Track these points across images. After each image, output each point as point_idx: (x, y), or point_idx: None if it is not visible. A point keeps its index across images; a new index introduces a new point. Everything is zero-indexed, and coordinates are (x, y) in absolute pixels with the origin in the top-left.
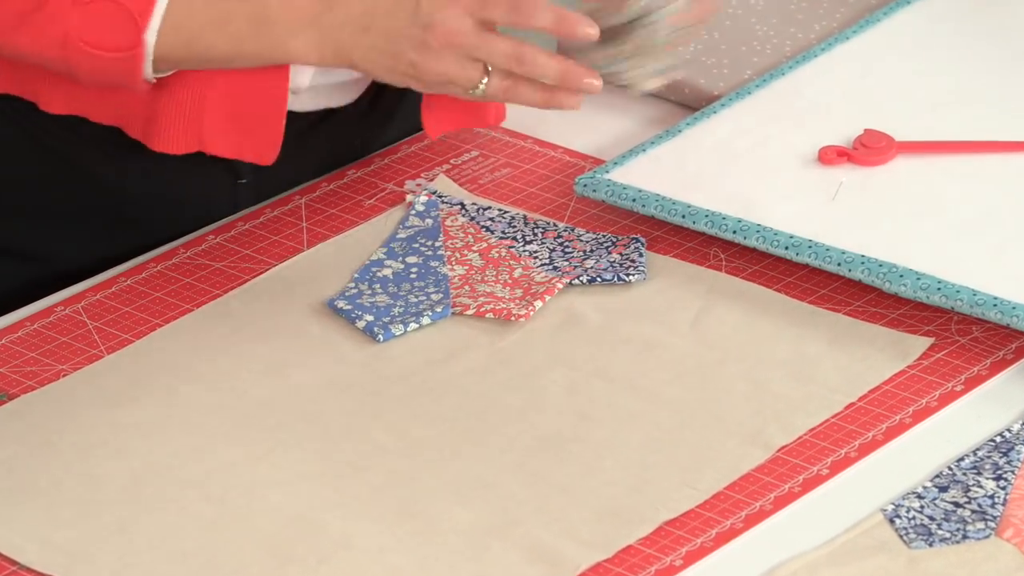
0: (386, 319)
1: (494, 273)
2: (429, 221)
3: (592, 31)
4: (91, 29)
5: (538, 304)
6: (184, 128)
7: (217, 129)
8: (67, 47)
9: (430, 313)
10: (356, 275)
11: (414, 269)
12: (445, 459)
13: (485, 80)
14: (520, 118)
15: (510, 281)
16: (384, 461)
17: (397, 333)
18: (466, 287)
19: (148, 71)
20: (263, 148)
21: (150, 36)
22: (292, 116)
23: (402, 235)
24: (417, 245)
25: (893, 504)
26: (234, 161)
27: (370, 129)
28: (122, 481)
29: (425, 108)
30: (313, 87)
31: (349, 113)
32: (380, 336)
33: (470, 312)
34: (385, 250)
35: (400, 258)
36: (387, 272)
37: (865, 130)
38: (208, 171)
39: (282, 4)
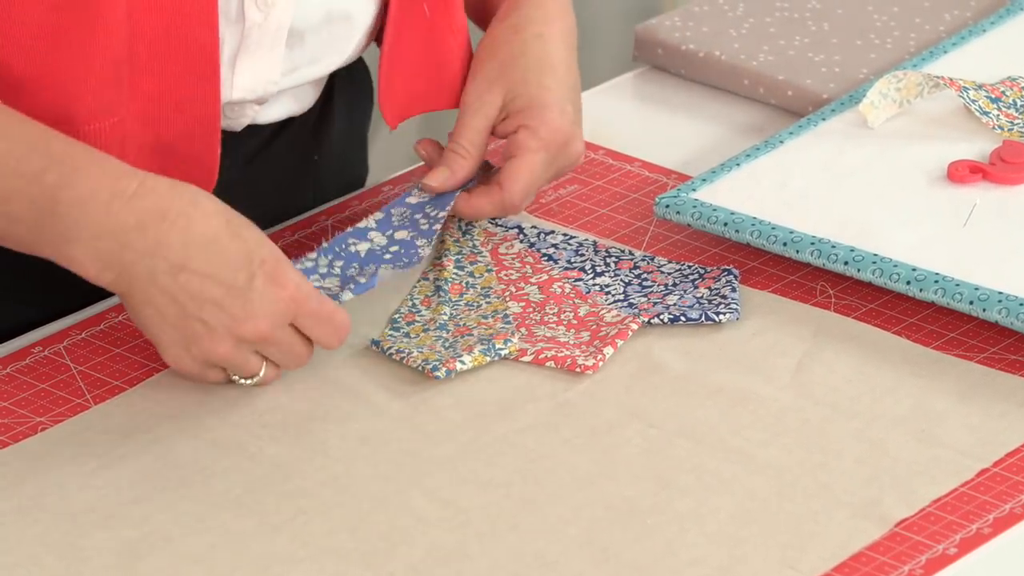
0: None
1: (555, 311)
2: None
3: None
4: None
5: (608, 351)
6: None
7: (141, 166)
8: None
9: (353, 287)
10: (325, 245)
11: (393, 248)
12: (498, 533)
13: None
14: (590, 126)
15: (574, 321)
16: (425, 535)
17: None
18: (522, 329)
19: None
20: (198, 183)
21: None
22: (249, 131)
23: (413, 200)
24: (419, 216)
25: None
26: None
27: (323, 142)
28: (112, 555)
29: (383, 92)
30: (279, 91)
31: (304, 123)
32: None
33: (527, 359)
34: (380, 216)
35: (389, 231)
36: (362, 248)
37: (1004, 142)
38: None
39: (73, 201)
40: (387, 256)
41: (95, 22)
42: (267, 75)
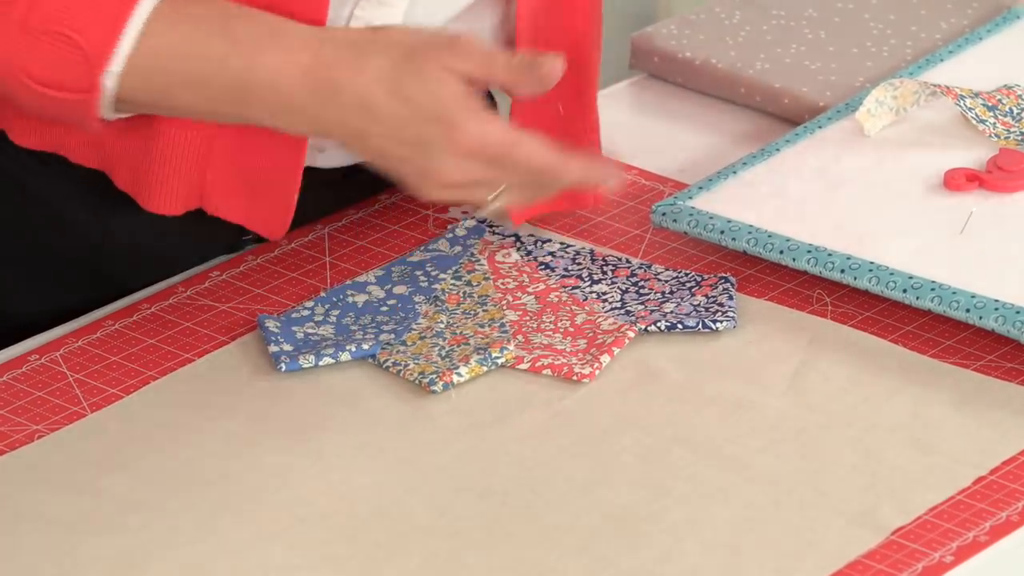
0: (304, 351)
1: (552, 319)
2: (457, 248)
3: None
4: (37, 63)
5: (605, 359)
6: (182, 181)
7: (222, 186)
8: (7, 74)
9: (353, 349)
10: (324, 293)
11: (391, 302)
12: (494, 541)
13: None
14: None
15: (571, 329)
16: (421, 543)
17: (305, 365)
18: (519, 336)
19: (106, 113)
20: (273, 217)
21: (108, 80)
22: (313, 172)
23: (414, 259)
24: (420, 273)
25: None
26: None
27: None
28: (109, 564)
29: None
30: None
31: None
32: (283, 366)
33: (523, 366)
34: (380, 272)
35: (390, 285)
36: (360, 299)
37: (1000, 149)
38: (208, 225)
39: (260, 83)
40: (384, 308)
41: None
42: None
